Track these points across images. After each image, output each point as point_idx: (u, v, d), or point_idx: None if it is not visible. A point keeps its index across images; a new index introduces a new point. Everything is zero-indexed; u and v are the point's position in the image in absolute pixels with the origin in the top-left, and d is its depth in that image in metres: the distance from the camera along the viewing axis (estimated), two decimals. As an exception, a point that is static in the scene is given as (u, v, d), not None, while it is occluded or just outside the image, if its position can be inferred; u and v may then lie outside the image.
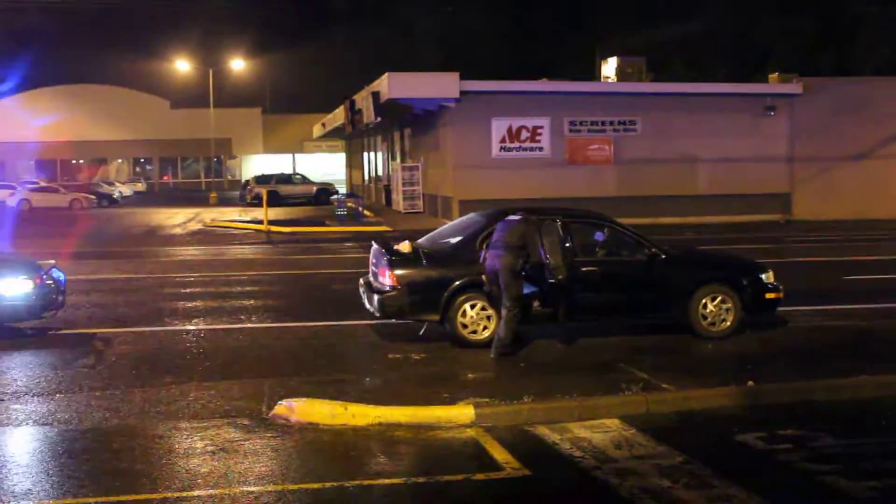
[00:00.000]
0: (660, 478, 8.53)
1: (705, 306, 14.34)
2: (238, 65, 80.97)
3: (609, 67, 46.07)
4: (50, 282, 15.03)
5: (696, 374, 12.09)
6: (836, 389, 11.56)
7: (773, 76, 43.84)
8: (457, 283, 13.67)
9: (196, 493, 8.23)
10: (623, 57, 45.59)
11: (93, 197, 63.45)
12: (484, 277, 13.42)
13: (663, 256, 14.46)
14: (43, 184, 69.30)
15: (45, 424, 10.39)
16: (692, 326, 14.38)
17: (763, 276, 14.83)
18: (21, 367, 12.97)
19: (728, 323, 14.41)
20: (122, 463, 8.98)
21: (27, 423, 10.41)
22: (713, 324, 14.38)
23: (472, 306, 13.72)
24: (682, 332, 14.43)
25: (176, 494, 8.20)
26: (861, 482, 8.40)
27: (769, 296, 14.79)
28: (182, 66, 79.17)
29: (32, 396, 11.46)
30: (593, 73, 49.14)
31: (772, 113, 41.67)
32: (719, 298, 14.38)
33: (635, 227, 15.28)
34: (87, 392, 11.65)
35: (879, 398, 11.37)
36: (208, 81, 71.10)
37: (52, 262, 16.08)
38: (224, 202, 65.08)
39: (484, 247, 13.79)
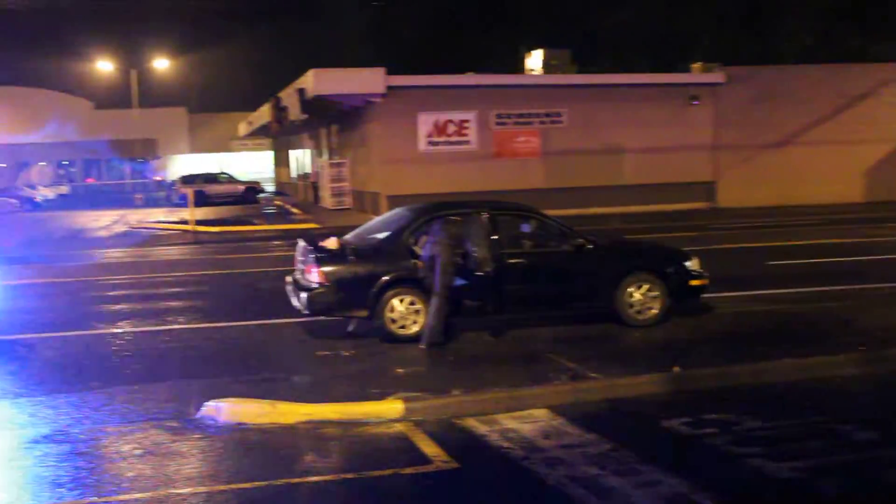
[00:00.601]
0: (588, 465, 8.60)
1: (632, 295, 14.48)
2: (162, 64, 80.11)
3: (534, 60, 46.21)
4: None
5: (623, 362, 12.21)
6: (760, 373, 11.73)
7: (697, 66, 44.30)
8: (385, 278, 13.67)
9: (123, 496, 8.14)
10: (548, 49, 45.76)
11: (14, 201, 62.43)
12: (420, 264, 13.46)
13: (590, 246, 14.56)
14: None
15: (-32, 433, 10.23)
16: (619, 315, 14.51)
17: (688, 264, 14.99)
18: (-58, 376, 12.73)
19: (655, 311, 14.56)
20: (45, 470, 8.85)
21: (-51, 432, 10.23)
22: (640, 312, 14.52)
23: (401, 301, 13.72)
24: (610, 321, 14.55)
25: (104, 499, 8.11)
26: (785, 463, 8.54)
27: (694, 283, 14.97)
28: (105, 66, 78.19)
29: (-46, 405, 11.26)
30: (519, 66, 49.18)
31: (696, 102, 42.13)
32: (645, 287, 14.53)
33: (563, 219, 15.39)
34: (11, 398, 11.46)
35: (802, 380, 11.58)
36: (132, 82, 70.26)
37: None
38: (150, 203, 64.39)
39: (411, 241, 13.84)
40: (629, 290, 14.49)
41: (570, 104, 41.30)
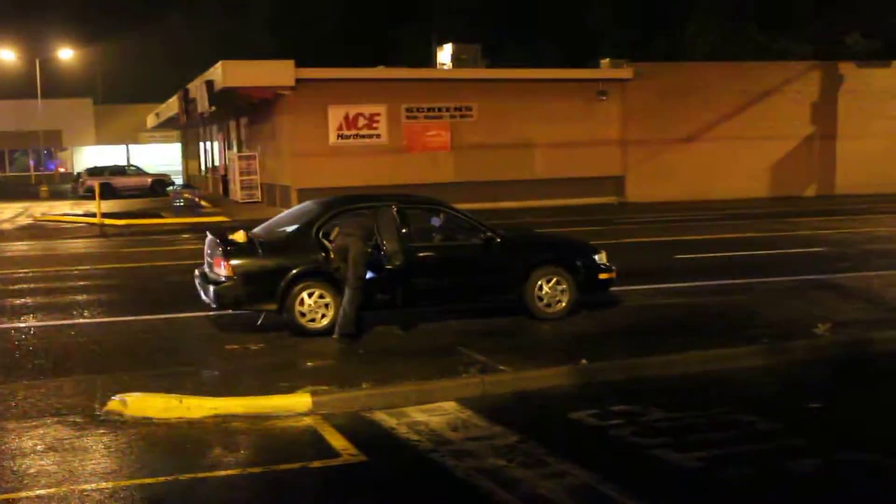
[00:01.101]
0: (495, 457, 8.65)
1: (541, 288, 14.59)
2: (67, 54, 78.67)
3: (445, 54, 46.33)
4: None
5: (532, 355, 12.29)
6: (666, 365, 11.90)
7: (605, 61, 44.78)
8: (294, 271, 13.60)
9: (23, 493, 7.99)
10: (458, 44, 45.89)
11: (-85, 193, 60.95)
12: (332, 256, 13.42)
13: (499, 240, 14.64)
14: None
15: None
16: (528, 308, 14.62)
17: (596, 257, 15.15)
18: None
19: (563, 304, 14.69)
20: (-55, 466, 8.68)
21: None
22: (549, 305, 14.64)
23: (310, 294, 13.66)
24: (519, 315, 14.65)
25: (4, 496, 7.96)
26: (689, 453, 8.66)
27: (602, 276, 15.13)
28: (7, 55, 76.60)
29: None
30: (430, 60, 49.27)
31: (604, 97, 42.59)
32: (554, 280, 14.65)
33: (474, 212, 15.47)
34: None
35: (707, 372, 11.77)
36: (35, 72, 68.93)
37: None
38: (55, 195, 63.21)
39: (321, 235, 13.79)
40: (538, 283, 14.60)
41: (479, 98, 41.46)
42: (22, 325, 15.58)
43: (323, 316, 13.70)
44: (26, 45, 79.34)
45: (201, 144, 66.08)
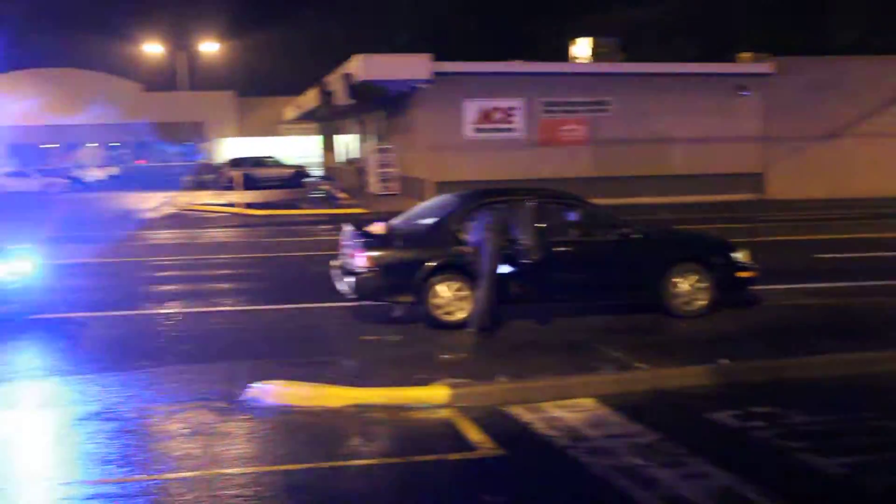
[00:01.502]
0: (633, 456, 8.58)
1: (678, 285, 14.41)
2: (211, 47, 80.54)
3: (582, 48, 46.00)
4: (24, 266, 14.97)
5: (669, 352, 12.16)
6: (808, 367, 11.63)
7: (746, 55, 43.90)
8: (431, 263, 13.69)
9: (171, 475, 8.23)
10: (596, 37, 45.52)
11: (64, 181, 63.03)
12: (467, 249, 13.48)
13: (636, 236, 14.51)
14: (14, 168, 68.94)
15: (19, 409, 10.38)
16: (666, 306, 14.45)
17: (736, 255, 14.91)
18: (-6, 353, 12.91)
19: (701, 302, 14.48)
20: (96, 447, 8.96)
21: (0, 408, 10.38)
22: (687, 303, 14.45)
23: (447, 287, 13.73)
24: (656, 312, 14.49)
25: (151, 477, 8.20)
26: (833, 458, 8.47)
27: (742, 274, 14.87)
28: (154, 49, 78.76)
29: (5, 381, 11.42)
30: (567, 54, 48.95)
31: (744, 93, 41.76)
32: (693, 277, 14.45)
33: (609, 208, 15.34)
34: (62, 376, 11.62)
35: (850, 375, 11.44)
36: (182, 65, 70.67)
37: (26, 246, 16.02)
38: (199, 185, 64.64)
39: (458, 228, 13.85)
40: (676, 280, 14.42)
41: (617, 93, 41.08)
42: (167, 311, 16.01)
43: (459, 309, 13.75)
44: (172, 39, 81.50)
45: (339, 137, 66.90)
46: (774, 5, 66.50)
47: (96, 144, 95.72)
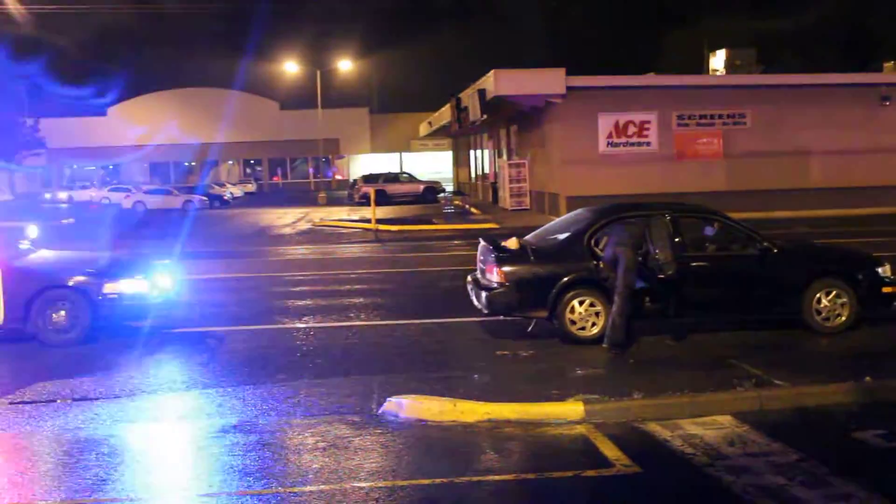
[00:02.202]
0: (774, 475, 8.38)
1: (819, 301, 14.05)
2: (345, 65, 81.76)
3: (718, 60, 45.53)
4: (164, 281, 15.35)
5: (810, 370, 11.84)
6: (958, 386, 11.22)
7: (888, 65, 42.85)
8: (565, 279, 13.60)
9: (307, 488, 8.31)
10: (732, 49, 44.92)
11: (204, 198, 64.62)
12: (602, 265, 13.38)
13: (775, 251, 14.20)
14: (156, 186, 70.94)
15: (161, 421, 10.62)
16: (806, 321, 14.10)
17: (879, 270, 14.46)
18: (136, 366, 13.22)
19: (843, 318, 14.09)
20: (234, 459, 9.11)
21: (143, 420, 10.64)
22: (827, 319, 14.08)
23: (581, 302, 13.63)
24: (795, 328, 14.15)
25: (287, 490, 8.29)
26: (985, 481, 8.15)
27: (886, 290, 14.41)
28: (291, 67, 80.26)
29: (148, 394, 11.71)
30: (702, 66, 48.44)
31: (887, 103, 40.68)
32: (834, 293, 14.08)
33: (746, 222, 15.04)
34: (201, 389, 11.85)
35: None
36: (316, 82, 71.87)
37: (167, 261, 16.42)
38: (332, 202, 65.72)
39: (592, 243, 13.76)
40: (817, 295, 14.06)
41: (753, 105, 40.44)
42: (302, 325, 16.22)
43: (593, 324, 13.64)
44: (308, 58, 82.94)
45: (471, 152, 67.17)
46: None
47: (233, 162, 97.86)
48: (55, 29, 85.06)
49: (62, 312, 14.44)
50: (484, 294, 13.90)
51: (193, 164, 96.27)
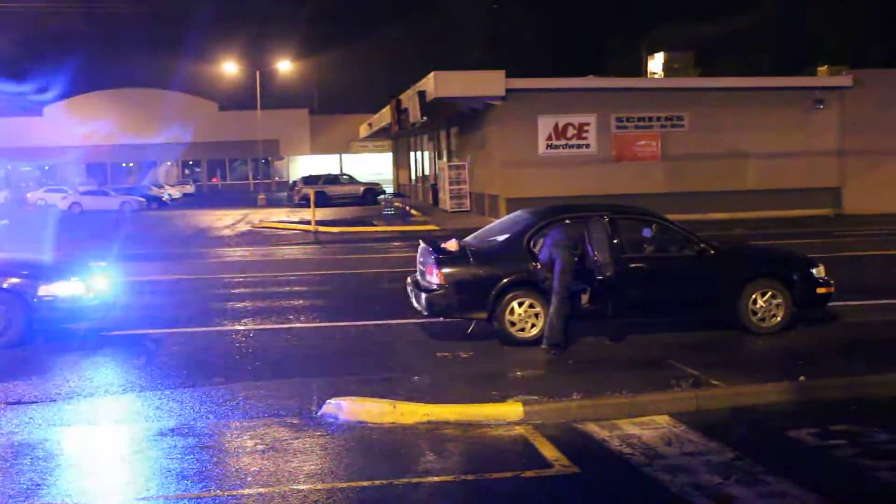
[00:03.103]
0: (711, 474, 8.46)
1: (755, 302, 14.22)
2: (285, 66, 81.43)
3: (656, 63, 45.86)
4: (101, 283, 15.19)
5: (746, 370, 11.99)
6: (889, 384, 11.39)
7: (823, 69, 43.40)
8: (504, 280, 13.65)
9: (246, 491, 8.27)
10: (670, 52, 45.30)
11: (142, 199, 64.04)
12: (539, 265, 13.42)
13: (712, 252, 14.35)
14: (92, 187, 70.18)
15: (97, 424, 10.51)
16: (742, 322, 14.26)
17: (814, 271, 14.67)
18: (72, 369, 13.07)
19: (778, 318, 14.28)
20: (172, 462, 9.04)
21: (79, 423, 10.52)
22: (763, 319, 14.25)
23: (520, 304, 13.68)
24: (731, 328, 14.31)
25: (227, 493, 8.24)
26: (916, 478, 8.29)
27: (820, 290, 14.63)
28: (230, 68, 79.80)
29: (84, 397, 11.58)
30: (640, 69, 48.80)
31: (821, 106, 41.25)
32: (769, 294, 14.25)
33: (684, 224, 15.19)
34: (138, 392, 11.75)
35: (934, 393, 11.22)
36: (256, 83, 71.49)
37: (103, 263, 16.25)
38: (272, 203, 65.41)
39: (531, 244, 13.81)
40: (753, 296, 14.22)
41: (691, 107, 40.81)
42: (241, 327, 16.13)
43: (533, 326, 13.70)
44: (247, 58, 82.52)
45: (412, 154, 67.19)
46: (853, 18, 65.61)
47: (171, 163, 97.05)
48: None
49: (-5, 315, 14.23)
50: (424, 296, 13.91)
51: (131, 164, 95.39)
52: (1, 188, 77.38)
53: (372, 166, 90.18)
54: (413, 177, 66.97)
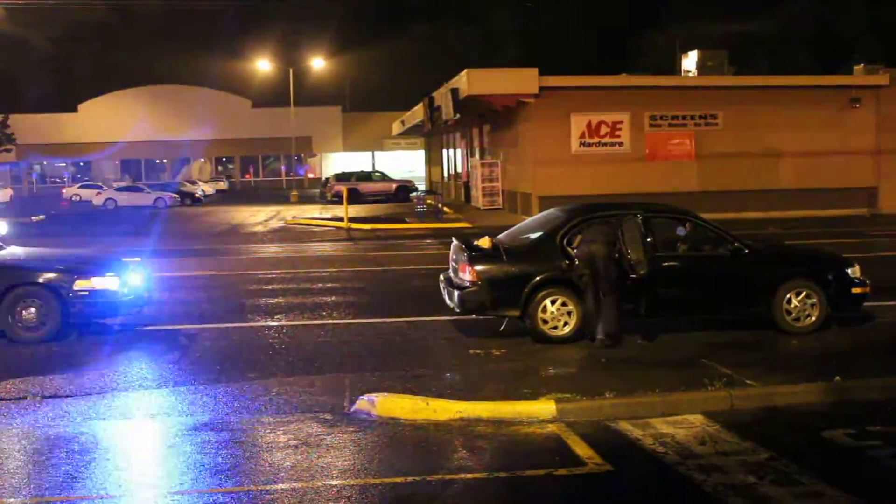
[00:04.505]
0: (745, 474, 8.42)
1: (790, 301, 14.13)
2: (318, 64, 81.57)
3: (689, 61, 45.62)
4: (135, 279, 15.28)
5: (780, 369, 11.92)
6: (925, 385, 11.30)
7: (859, 67, 43.08)
8: (537, 278, 13.62)
9: (279, 486, 8.29)
10: (704, 50, 45.07)
11: (176, 196, 64.36)
12: (577, 262, 13.39)
13: (746, 251, 14.27)
14: (127, 183, 70.63)
15: (131, 418, 10.57)
16: (776, 322, 14.17)
17: (849, 271, 14.56)
18: (107, 363, 13.16)
19: (813, 318, 14.18)
20: (205, 457, 9.08)
21: (114, 417, 10.58)
22: (797, 319, 14.16)
23: (553, 302, 13.65)
24: (765, 328, 14.23)
25: (259, 487, 8.27)
26: (953, 480, 8.21)
27: (855, 290, 14.52)
28: (263, 65, 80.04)
29: (119, 392, 11.64)
30: (674, 68, 48.58)
31: (857, 105, 40.92)
32: (804, 293, 14.16)
33: (718, 222, 15.11)
34: (172, 387, 11.80)
35: (971, 394, 11.10)
36: (289, 80, 71.73)
37: (138, 259, 16.34)
38: (305, 200, 65.59)
39: (564, 242, 13.79)
40: (787, 296, 14.13)
41: (725, 106, 40.61)
42: (274, 323, 16.18)
43: (565, 324, 13.67)
44: (281, 56, 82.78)
45: (444, 151, 67.19)
46: (891, 15, 65.05)
47: (205, 160, 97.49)
48: (26, 24, 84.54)
49: (32, 310, 14.34)
50: (456, 293, 13.90)
51: (165, 161, 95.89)
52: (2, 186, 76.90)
53: (404, 163, 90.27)
54: (445, 174, 66.98)
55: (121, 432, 10.18)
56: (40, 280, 14.58)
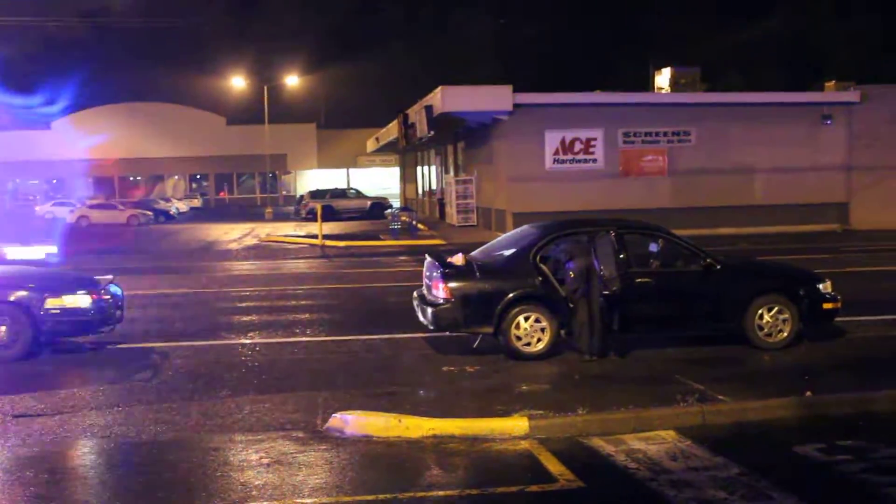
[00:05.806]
0: (716, 489, 8.45)
1: (762, 317, 14.20)
2: (293, 81, 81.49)
3: (663, 78, 45.83)
4: (108, 297, 15.21)
5: (752, 385, 11.96)
6: (896, 400, 11.38)
7: (830, 84, 43.35)
8: (510, 295, 13.64)
9: (251, 505, 8.28)
10: (677, 67, 45.31)
11: (150, 213, 64.12)
12: (572, 276, 13.42)
13: (719, 267, 14.34)
14: (100, 201, 70.33)
15: (103, 437, 10.51)
16: (748, 337, 14.24)
17: (820, 286, 14.65)
18: (80, 382, 13.10)
19: (785, 334, 14.25)
20: (177, 475, 9.04)
21: (85, 437, 10.52)
22: (770, 334, 14.22)
23: (526, 318, 13.67)
24: (738, 343, 14.29)
25: (231, 507, 8.25)
26: (922, 494, 8.26)
27: (826, 306, 14.60)
28: (238, 82, 79.94)
29: (90, 410, 11.58)
30: (648, 84, 48.81)
31: (829, 122, 41.19)
32: (776, 309, 14.23)
33: (690, 238, 15.18)
34: (144, 405, 11.75)
35: (941, 409, 11.18)
36: (263, 98, 71.60)
37: (110, 277, 16.27)
38: (279, 217, 65.44)
39: (538, 259, 13.82)
40: (759, 311, 14.20)
41: (698, 123, 40.77)
42: (248, 341, 16.14)
43: (538, 340, 13.70)
44: (255, 73, 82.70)
45: (419, 168, 67.24)
46: (862, 33, 65.56)
47: (179, 177, 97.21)
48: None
49: (2, 328, 14.25)
50: (430, 310, 13.91)
51: (139, 178, 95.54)
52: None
53: (379, 181, 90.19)
54: (420, 191, 67.02)
55: (91, 452, 10.11)
56: (11, 298, 14.48)
